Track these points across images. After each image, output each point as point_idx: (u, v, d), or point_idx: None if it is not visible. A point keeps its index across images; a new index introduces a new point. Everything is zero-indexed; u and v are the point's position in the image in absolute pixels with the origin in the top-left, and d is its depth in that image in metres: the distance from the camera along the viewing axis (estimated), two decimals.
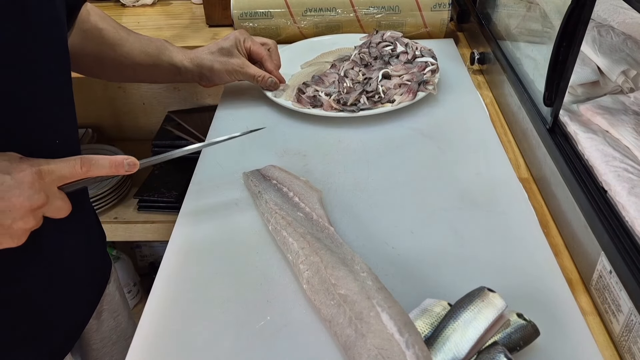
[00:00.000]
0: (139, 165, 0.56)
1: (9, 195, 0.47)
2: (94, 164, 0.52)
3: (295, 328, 0.51)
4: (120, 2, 1.31)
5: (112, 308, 0.76)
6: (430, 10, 1.03)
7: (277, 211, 0.61)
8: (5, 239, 0.49)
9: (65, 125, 0.61)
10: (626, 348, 0.48)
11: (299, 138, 0.78)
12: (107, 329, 0.75)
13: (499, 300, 0.46)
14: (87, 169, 0.52)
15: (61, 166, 0.50)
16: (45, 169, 0.49)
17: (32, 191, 0.48)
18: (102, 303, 0.73)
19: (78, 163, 0.51)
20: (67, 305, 0.65)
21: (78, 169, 0.51)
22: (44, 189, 0.49)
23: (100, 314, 0.73)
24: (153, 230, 1.34)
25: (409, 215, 0.63)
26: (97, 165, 0.52)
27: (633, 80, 0.71)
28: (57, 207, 0.51)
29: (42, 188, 0.49)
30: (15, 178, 0.48)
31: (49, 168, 0.50)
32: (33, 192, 0.48)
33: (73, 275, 0.65)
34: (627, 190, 0.53)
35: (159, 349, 0.50)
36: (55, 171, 0.50)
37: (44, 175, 0.49)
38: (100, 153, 1.48)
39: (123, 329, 0.78)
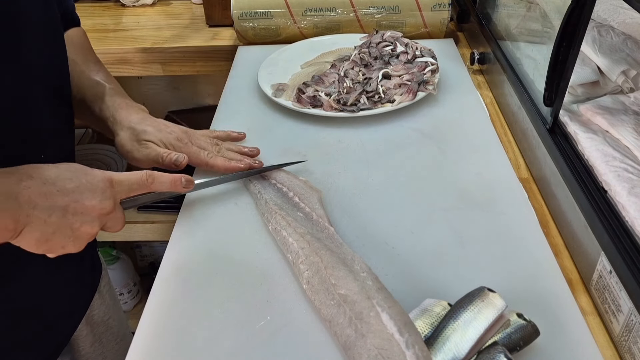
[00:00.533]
0: (194, 184, 0.60)
1: (83, 198, 0.49)
2: (157, 177, 0.55)
3: (295, 328, 0.51)
4: (120, 2, 1.31)
5: (103, 312, 0.75)
6: (430, 10, 1.03)
7: (277, 211, 0.61)
8: (70, 242, 0.50)
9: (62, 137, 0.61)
10: (626, 348, 0.48)
11: (299, 138, 0.78)
12: (97, 333, 0.74)
13: (499, 300, 0.46)
14: (152, 182, 0.55)
15: (131, 177, 0.53)
16: (116, 177, 0.52)
17: (104, 196, 0.50)
18: (92, 308, 0.72)
19: (144, 175, 0.54)
20: (56, 312, 0.65)
21: (145, 180, 0.54)
22: (113, 196, 0.51)
23: (90, 318, 0.72)
24: (153, 230, 1.34)
25: (409, 215, 0.63)
26: (159, 180, 0.56)
27: (633, 80, 0.71)
28: (118, 218, 0.53)
29: (112, 195, 0.51)
30: (90, 181, 0.49)
31: (119, 178, 0.52)
32: (104, 198, 0.50)
33: (62, 281, 0.65)
34: (627, 190, 0.53)
35: (159, 349, 0.50)
36: (125, 181, 0.53)
37: (114, 183, 0.51)
38: (100, 153, 1.48)
39: (114, 332, 0.78)
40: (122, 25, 1.23)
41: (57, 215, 0.47)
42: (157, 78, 1.52)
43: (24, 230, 0.46)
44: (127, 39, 1.16)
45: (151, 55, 1.13)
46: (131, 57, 1.13)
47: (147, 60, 1.13)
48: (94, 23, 1.24)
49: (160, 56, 1.13)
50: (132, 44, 1.13)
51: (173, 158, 0.65)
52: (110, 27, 1.23)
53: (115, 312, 0.79)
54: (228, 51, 1.10)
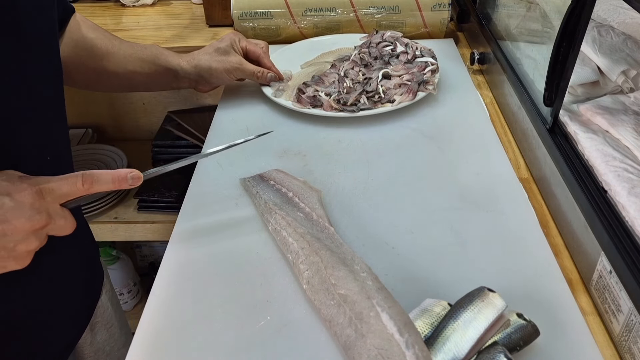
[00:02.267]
0: (142, 178, 0.54)
1: (10, 217, 0.46)
2: (95, 180, 0.50)
3: (295, 328, 0.51)
4: (120, 2, 1.31)
5: (105, 320, 0.75)
6: (430, 10, 1.03)
7: (277, 211, 0.61)
8: (10, 262, 0.47)
9: (57, 140, 0.60)
10: (626, 348, 0.48)
11: (299, 138, 0.78)
12: (100, 341, 0.74)
13: (499, 300, 0.46)
14: (89, 186, 0.50)
15: (62, 184, 0.49)
16: (45, 187, 0.48)
17: (33, 212, 0.46)
18: (95, 315, 0.72)
19: (79, 180, 0.49)
20: (59, 320, 0.64)
21: (80, 186, 0.49)
22: (45, 208, 0.47)
23: (93, 326, 0.72)
24: (153, 230, 1.34)
25: (409, 215, 0.63)
26: (99, 182, 0.50)
27: (633, 80, 0.71)
28: (61, 225, 0.49)
29: (43, 207, 0.47)
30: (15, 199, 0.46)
31: (49, 187, 0.48)
32: (34, 213, 0.46)
33: (65, 289, 0.64)
34: (627, 190, 0.53)
35: (159, 349, 0.50)
36: (56, 190, 0.48)
37: (44, 194, 0.48)
38: (100, 153, 1.48)
39: (116, 340, 0.77)
40: (122, 25, 1.23)
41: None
42: None
43: None
44: (127, 39, 1.15)
45: None
46: None
47: None
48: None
49: None
50: None
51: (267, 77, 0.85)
52: (110, 27, 1.22)
53: (117, 318, 0.79)
54: None
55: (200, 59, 0.82)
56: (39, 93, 0.55)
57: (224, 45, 0.83)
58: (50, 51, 0.57)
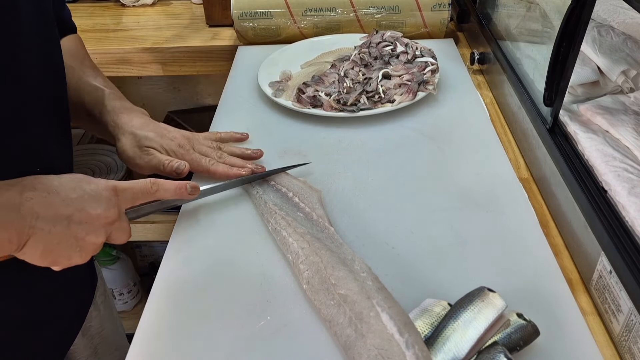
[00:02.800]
0: (200, 191, 0.59)
1: (88, 206, 0.48)
2: (161, 185, 0.55)
3: (295, 328, 0.51)
4: (120, 2, 1.31)
5: (98, 324, 0.75)
6: (430, 10, 1.03)
7: (277, 211, 0.61)
8: (75, 253, 0.49)
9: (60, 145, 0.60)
10: (626, 348, 0.48)
11: (299, 138, 0.78)
12: (93, 345, 0.74)
13: (499, 300, 0.46)
14: (157, 189, 0.54)
15: (135, 185, 0.52)
16: (120, 186, 0.51)
17: (109, 205, 0.49)
18: (88, 319, 0.72)
19: (149, 183, 0.54)
20: (53, 325, 0.64)
21: (149, 188, 0.53)
22: (118, 204, 0.50)
23: (86, 330, 0.72)
24: (153, 230, 1.34)
25: (409, 215, 0.63)
26: (164, 188, 0.55)
27: (633, 80, 0.71)
28: (123, 228, 0.52)
29: (116, 204, 0.50)
30: (94, 190, 0.49)
31: (123, 186, 0.51)
32: (109, 206, 0.49)
33: (58, 294, 0.64)
34: (627, 190, 0.53)
35: (159, 349, 0.50)
36: (129, 189, 0.52)
37: (119, 191, 0.51)
38: (100, 153, 1.48)
39: (109, 343, 0.77)
40: (122, 25, 1.23)
41: (62, 225, 0.47)
42: (157, 78, 1.52)
43: (28, 243, 0.45)
44: (127, 39, 1.16)
45: (151, 55, 1.13)
46: (131, 57, 1.13)
47: (147, 60, 1.13)
48: (94, 23, 1.24)
49: (160, 56, 1.13)
50: (132, 44, 1.13)
51: (174, 166, 0.65)
52: (110, 27, 1.22)
53: (111, 322, 0.79)
54: (228, 51, 1.10)
55: None
56: (38, 95, 0.55)
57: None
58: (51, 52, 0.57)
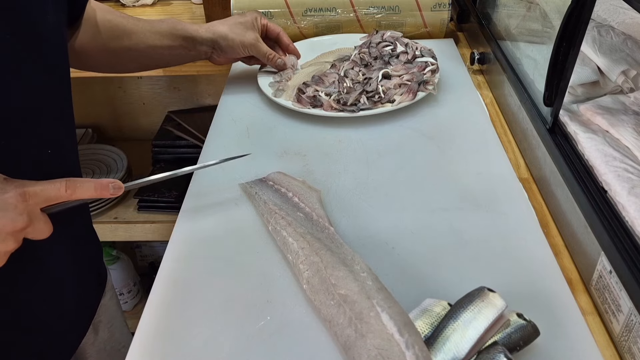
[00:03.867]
0: (124, 189, 0.55)
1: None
2: (79, 186, 0.51)
3: (295, 328, 0.51)
4: (120, 2, 1.31)
5: (107, 319, 0.75)
6: (430, 10, 1.03)
7: (277, 211, 0.61)
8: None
9: (64, 137, 0.60)
10: (626, 348, 0.48)
11: (299, 138, 0.78)
12: (102, 341, 0.74)
13: (499, 300, 0.46)
14: (72, 192, 0.51)
15: (46, 188, 0.49)
16: (30, 190, 0.48)
17: (15, 213, 0.47)
18: (98, 315, 0.72)
19: (63, 186, 0.50)
20: (63, 320, 0.65)
21: (63, 191, 0.50)
22: (27, 210, 0.48)
23: (96, 326, 0.72)
24: (153, 230, 1.34)
25: (409, 215, 0.63)
26: (82, 188, 0.51)
27: (633, 80, 0.71)
28: (39, 229, 0.50)
29: (25, 210, 0.48)
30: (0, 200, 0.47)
31: (33, 190, 0.49)
32: (16, 215, 0.47)
33: (70, 290, 0.65)
34: (627, 190, 0.53)
35: (159, 349, 0.50)
36: (40, 193, 0.49)
37: (28, 197, 0.48)
38: (100, 153, 1.48)
39: (117, 339, 0.78)
40: None
41: None
42: (157, 78, 1.52)
43: None
44: None
45: None
46: None
47: None
48: None
49: None
50: None
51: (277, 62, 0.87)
52: None
53: (118, 318, 0.79)
54: None
55: (218, 27, 0.83)
56: (42, 91, 0.55)
57: (244, 20, 0.85)
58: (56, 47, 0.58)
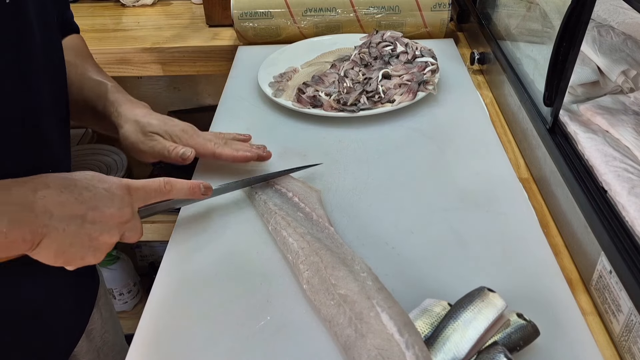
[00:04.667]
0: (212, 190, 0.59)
1: (102, 206, 0.47)
2: (174, 184, 0.54)
3: (295, 328, 0.51)
4: (120, 2, 1.31)
5: (100, 326, 0.75)
6: (430, 10, 1.03)
7: (277, 211, 0.61)
8: (89, 252, 0.48)
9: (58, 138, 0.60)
10: (626, 348, 0.48)
11: (299, 138, 0.78)
12: (95, 348, 0.73)
13: (499, 300, 0.46)
14: (170, 188, 0.54)
15: (148, 184, 0.52)
16: (133, 184, 0.50)
17: (123, 204, 0.49)
18: (91, 322, 0.72)
19: (162, 182, 0.53)
20: (56, 327, 0.64)
21: (162, 186, 0.53)
22: (132, 203, 0.50)
23: (89, 334, 0.72)
24: (153, 230, 1.34)
25: (409, 215, 0.63)
26: (177, 187, 0.55)
27: (633, 80, 0.71)
28: (136, 227, 0.52)
29: (130, 203, 0.50)
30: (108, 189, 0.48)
31: (136, 184, 0.51)
32: (124, 205, 0.49)
33: (62, 296, 0.64)
34: (627, 190, 0.53)
35: (159, 349, 0.50)
36: (142, 188, 0.51)
37: (132, 190, 0.50)
38: (100, 153, 1.48)
39: (110, 346, 0.77)
40: (122, 25, 1.23)
41: (75, 224, 0.46)
42: (157, 78, 1.52)
43: (42, 242, 0.45)
44: (127, 39, 1.16)
45: (151, 55, 1.13)
46: (131, 57, 1.13)
47: (147, 60, 1.13)
48: (94, 23, 1.24)
49: (160, 56, 1.13)
50: (132, 44, 1.13)
51: (180, 152, 0.64)
52: (110, 27, 1.22)
53: (112, 325, 0.78)
54: (228, 51, 1.10)
55: None
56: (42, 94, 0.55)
57: None
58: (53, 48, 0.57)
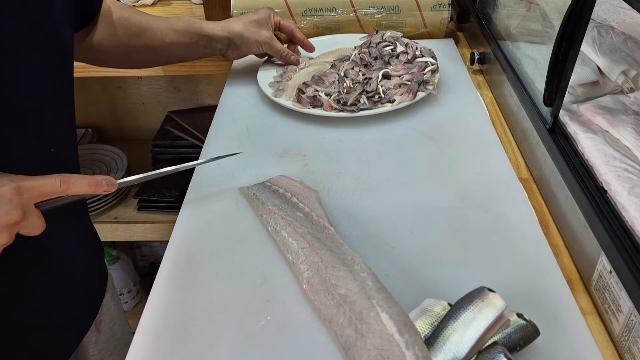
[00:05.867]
0: (117, 185, 0.56)
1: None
2: (73, 182, 0.52)
3: (295, 328, 0.51)
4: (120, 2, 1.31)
5: (109, 318, 0.75)
6: (430, 10, 1.03)
7: (276, 212, 0.61)
8: None
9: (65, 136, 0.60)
10: (626, 348, 0.48)
11: (299, 138, 0.78)
12: (104, 340, 0.74)
13: (499, 300, 0.46)
14: (67, 187, 0.51)
15: (41, 183, 0.50)
16: (25, 185, 0.48)
17: (10, 206, 0.47)
18: (100, 314, 0.72)
19: (58, 181, 0.50)
20: (65, 319, 0.65)
21: (57, 186, 0.51)
22: (22, 204, 0.48)
23: (98, 325, 0.72)
24: (153, 230, 1.34)
25: (409, 215, 0.63)
26: (76, 184, 0.52)
27: (633, 80, 0.71)
28: (33, 224, 0.50)
29: (20, 204, 0.48)
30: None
31: (29, 184, 0.49)
32: (11, 208, 0.47)
33: (71, 289, 0.65)
34: (627, 190, 0.53)
35: (159, 349, 0.50)
36: (35, 188, 0.49)
37: (23, 191, 0.48)
38: (100, 153, 1.48)
39: (118, 338, 0.78)
40: None
41: None
42: (157, 78, 1.52)
43: None
44: None
45: None
46: None
47: None
48: None
49: None
50: None
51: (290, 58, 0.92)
52: None
53: (119, 317, 0.79)
54: None
55: (234, 26, 0.86)
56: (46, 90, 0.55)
57: (258, 18, 0.87)
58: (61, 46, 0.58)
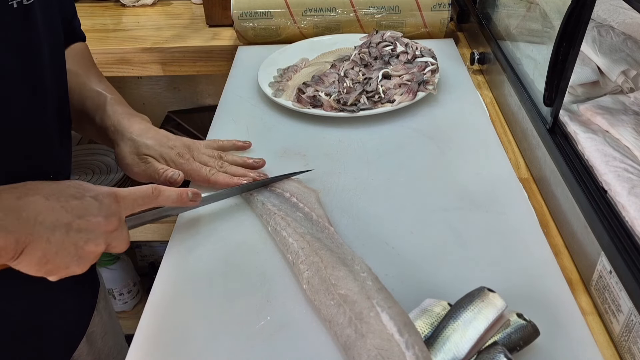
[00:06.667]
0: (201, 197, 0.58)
1: (88, 214, 0.47)
2: (163, 191, 0.54)
3: (295, 328, 0.51)
4: (120, 2, 1.31)
5: (101, 329, 0.75)
6: (430, 10, 1.03)
7: (276, 212, 0.61)
8: (74, 262, 0.47)
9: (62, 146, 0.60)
10: (626, 348, 0.48)
11: (299, 138, 0.78)
12: (96, 351, 0.73)
13: (499, 300, 0.46)
14: (158, 195, 0.53)
15: (136, 191, 0.52)
16: (121, 193, 0.50)
17: (109, 212, 0.48)
18: (92, 325, 0.72)
19: (151, 189, 0.53)
20: (57, 331, 0.64)
21: (150, 193, 0.53)
22: (119, 212, 0.49)
23: (90, 336, 0.72)
24: (153, 230, 1.34)
25: (409, 215, 0.63)
26: (166, 194, 0.54)
27: (633, 80, 0.71)
28: (123, 236, 0.51)
29: (117, 212, 0.49)
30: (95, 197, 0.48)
31: (124, 193, 0.50)
32: (110, 214, 0.48)
33: (62, 300, 0.64)
34: (627, 190, 0.53)
35: (159, 349, 0.50)
36: (130, 195, 0.51)
37: (119, 198, 0.50)
38: (100, 153, 1.48)
39: (111, 348, 0.77)
40: (122, 25, 1.23)
41: (61, 232, 0.45)
42: (157, 78, 1.52)
43: (25, 250, 0.43)
44: (127, 39, 1.16)
45: (151, 55, 1.13)
46: (131, 57, 1.13)
47: (147, 60, 1.13)
48: (94, 23, 1.24)
49: (160, 56, 1.13)
50: (132, 44, 1.13)
51: (168, 175, 0.64)
52: (110, 27, 1.22)
53: (112, 327, 0.78)
54: (228, 51, 1.10)
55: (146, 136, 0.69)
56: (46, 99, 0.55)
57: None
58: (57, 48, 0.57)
